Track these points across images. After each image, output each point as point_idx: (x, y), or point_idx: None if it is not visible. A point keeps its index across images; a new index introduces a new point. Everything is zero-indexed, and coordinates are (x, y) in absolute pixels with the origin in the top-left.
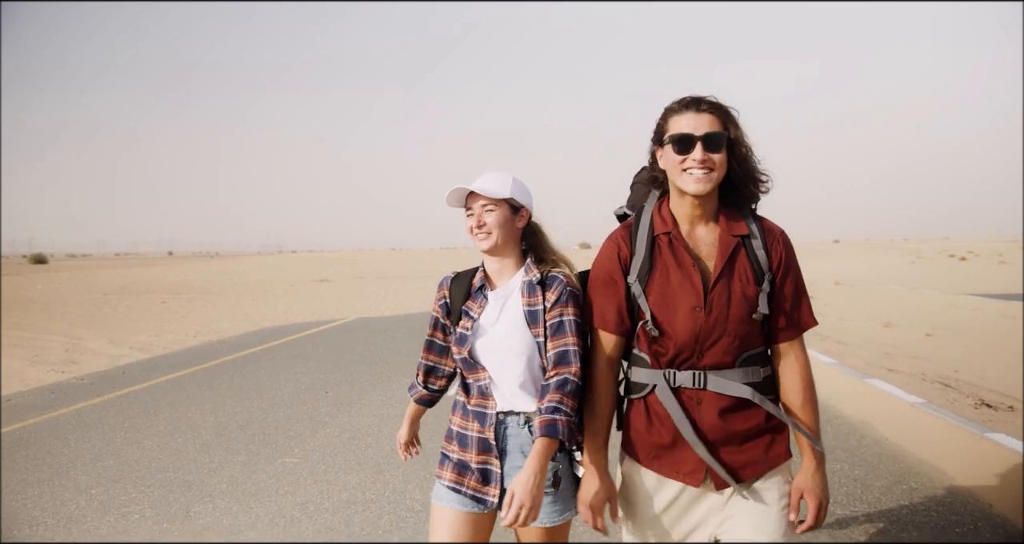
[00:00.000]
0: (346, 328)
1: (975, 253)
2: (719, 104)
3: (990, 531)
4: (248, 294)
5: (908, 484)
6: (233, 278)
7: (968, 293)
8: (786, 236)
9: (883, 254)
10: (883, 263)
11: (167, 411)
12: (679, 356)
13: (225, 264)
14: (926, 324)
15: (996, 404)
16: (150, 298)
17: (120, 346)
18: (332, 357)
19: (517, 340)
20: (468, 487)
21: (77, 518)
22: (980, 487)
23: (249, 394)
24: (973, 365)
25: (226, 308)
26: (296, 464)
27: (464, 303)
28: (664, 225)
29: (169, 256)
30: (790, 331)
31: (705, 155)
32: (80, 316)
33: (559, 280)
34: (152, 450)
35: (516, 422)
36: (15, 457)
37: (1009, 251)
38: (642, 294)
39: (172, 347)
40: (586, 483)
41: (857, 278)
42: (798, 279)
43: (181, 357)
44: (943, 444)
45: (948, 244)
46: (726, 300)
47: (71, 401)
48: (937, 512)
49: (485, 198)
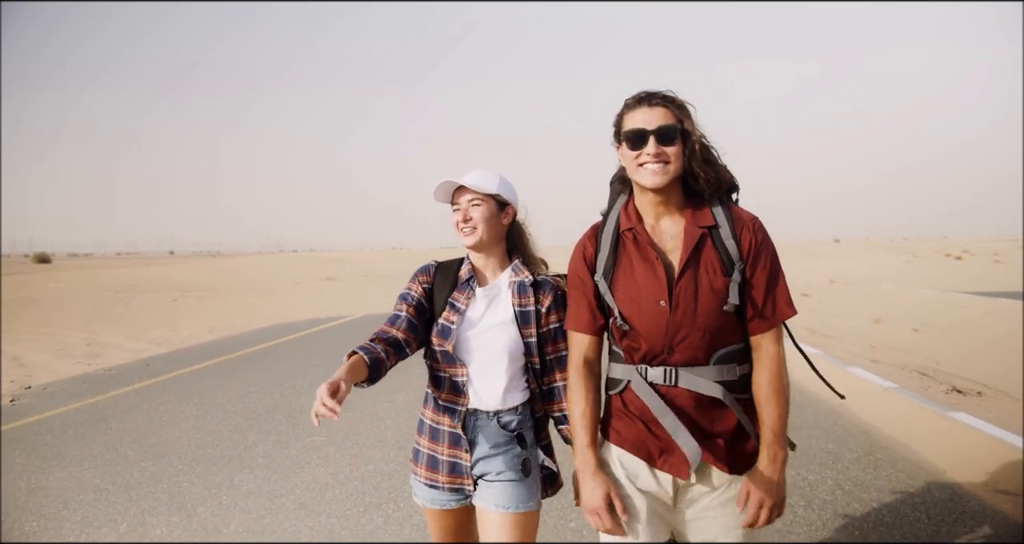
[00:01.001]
0: (354, 324)
1: (971, 252)
2: (672, 97)
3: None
4: (255, 292)
5: (874, 456)
6: (238, 277)
7: (960, 291)
8: (758, 223)
9: (881, 253)
10: (880, 262)
11: (196, 398)
12: (650, 352)
13: (228, 263)
14: (915, 320)
15: (966, 390)
16: (160, 296)
17: (138, 341)
18: (343, 351)
19: (505, 339)
20: (443, 482)
21: (134, 485)
22: (938, 458)
23: (270, 383)
24: (953, 357)
25: (236, 305)
26: (323, 442)
27: (450, 294)
28: (628, 221)
29: (170, 255)
30: (763, 322)
31: (659, 148)
32: (95, 313)
33: (551, 284)
34: (189, 431)
35: (485, 415)
36: (65, 437)
37: (1005, 250)
38: (608, 291)
39: (189, 342)
40: (582, 486)
41: (853, 277)
42: (773, 267)
43: (200, 351)
44: (909, 423)
45: (947, 243)
46: (692, 294)
47: (104, 389)
48: (897, 478)
49: (472, 193)
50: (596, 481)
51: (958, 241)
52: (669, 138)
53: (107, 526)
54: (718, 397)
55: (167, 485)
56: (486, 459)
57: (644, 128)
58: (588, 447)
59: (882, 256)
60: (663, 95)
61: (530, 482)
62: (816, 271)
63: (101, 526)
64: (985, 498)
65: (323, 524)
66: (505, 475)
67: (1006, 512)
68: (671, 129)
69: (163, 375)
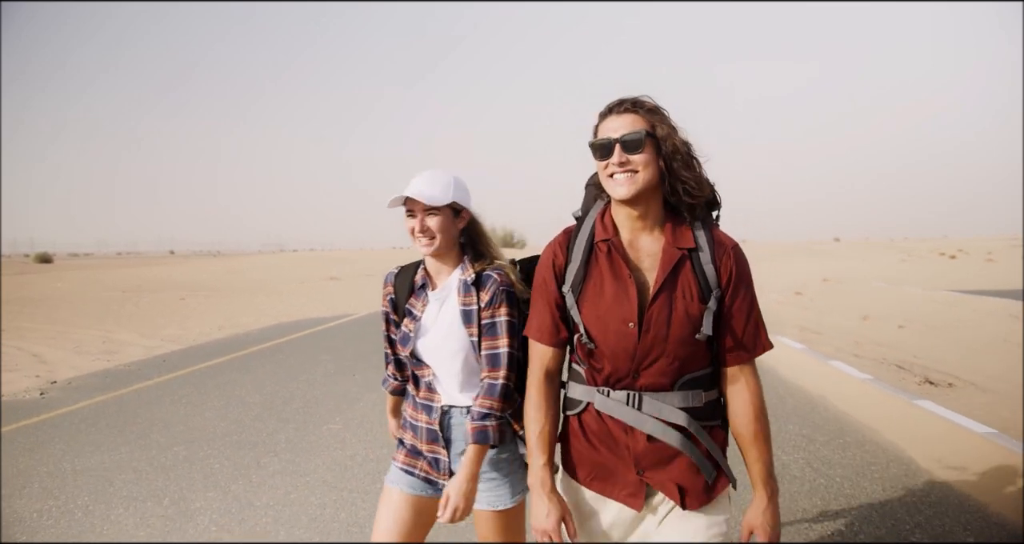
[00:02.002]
0: (359, 322)
1: (965, 252)
2: (642, 102)
3: (897, 469)
4: (261, 291)
5: (844, 439)
6: (243, 276)
7: (949, 290)
8: (739, 250)
9: (879, 253)
10: (876, 261)
11: (215, 391)
12: (613, 374)
13: (230, 263)
14: (901, 318)
15: (938, 382)
16: (168, 295)
17: (152, 338)
18: (352, 347)
19: (454, 340)
20: (420, 469)
21: (169, 467)
22: (900, 440)
23: (285, 377)
24: (933, 352)
25: (243, 304)
26: (340, 429)
27: (408, 300)
28: (605, 232)
29: (171, 255)
30: (741, 354)
31: (623, 157)
32: (105, 312)
33: (492, 279)
34: (213, 420)
35: (460, 413)
36: (98, 425)
37: (999, 250)
38: (575, 306)
39: (201, 339)
40: (534, 506)
41: (847, 276)
42: (751, 298)
43: (213, 347)
44: (879, 410)
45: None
46: (666, 318)
47: (127, 384)
48: (861, 457)
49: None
50: (552, 502)
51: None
52: (635, 146)
53: (151, 500)
54: (683, 425)
55: (200, 467)
56: (461, 456)
57: (609, 137)
58: (544, 467)
59: (879, 255)
60: (633, 101)
61: (512, 478)
62: (811, 270)
63: (146, 501)
64: (936, 472)
65: (346, 498)
66: (485, 474)
67: (951, 483)
68: (635, 135)
69: (181, 370)
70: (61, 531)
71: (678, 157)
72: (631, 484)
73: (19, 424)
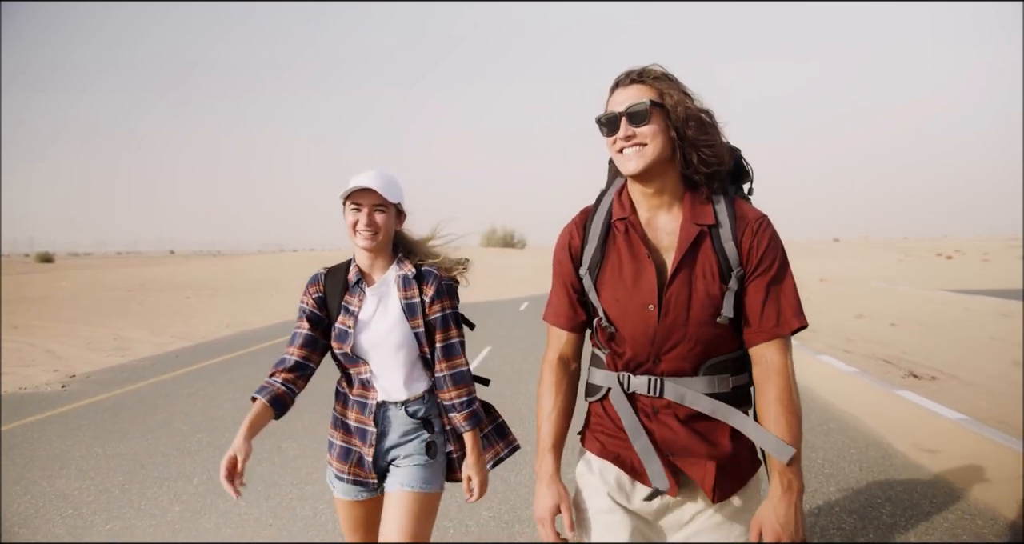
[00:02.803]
0: None
1: (962, 252)
2: (650, 71)
3: (875, 452)
4: (264, 291)
5: (828, 426)
6: (245, 276)
7: (943, 289)
8: (765, 222)
9: (878, 253)
10: (874, 261)
11: (229, 385)
12: (634, 359)
13: (232, 263)
14: (894, 316)
15: (922, 375)
16: (173, 294)
17: (161, 336)
18: None
19: (398, 334)
20: (350, 473)
21: (194, 452)
22: (880, 426)
23: None
24: (922, 348)
25: (247, 303)
26: None
27: (342, 298)
28: (622, 210)
29: (171, 255)
30: (765, 333)
31: (629, 130)
32: (112, 311)
33: (433, 274)
34: (230, 411)
35: (395, 405)
36: (121, 415)
37: (996, 250)
38: (593, 288)
39: (209, 336)
40: (537, 494)
41: (845, 275)
42: (780, 272)
43: (222, 344)
44: (862, 399)
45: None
46: (685, 300)
47: (143, 378)
48: (843, 442)
49: (377, 197)
50: (550, 490)
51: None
52: (640, 117)
53: (182, 480)
54: (706, 413)
55: (223, 451)
56: (396, 447)
57: (614, 111)
58: (550, 451)
59: (877, 256)
60: (640, 71)
61: (435, 465)
62: (810, 270)
63: (177, 480)
64: (909, 455)
65: None
66: (412, 458)
67: (924, 465)
68: (640, 106)
69: (194, 365)
70: (101, 506)
71: (691, 124)
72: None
73: (47, 414)
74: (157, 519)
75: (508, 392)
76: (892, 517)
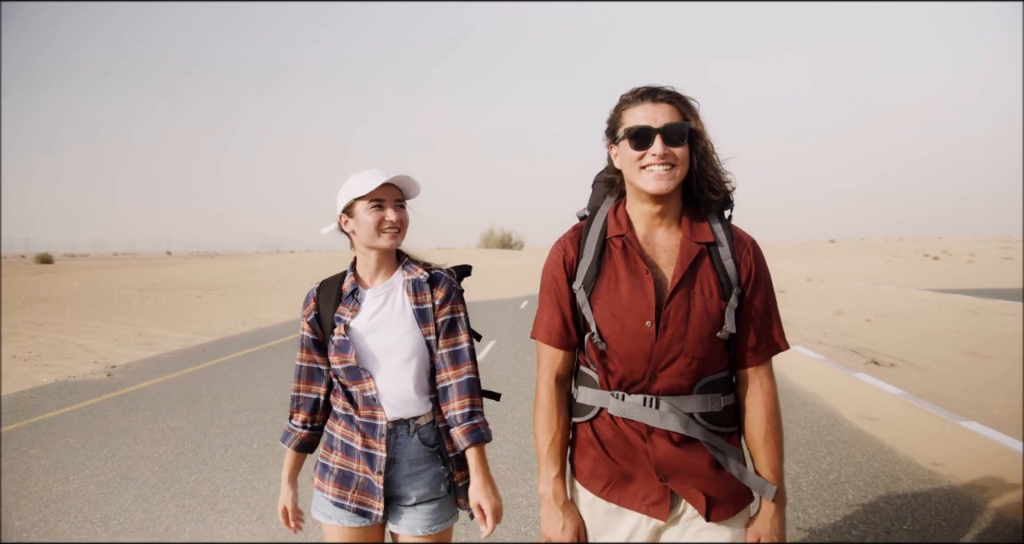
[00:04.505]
0: None
1: (949, 253)
2: (678, 93)
3: (827, 421)
4: (273, 290)
5: (791, 402)
6: (252, 276)
7: (924, 288)
8: (757, 246)
9: (869, 254)
10: (863, 262)
11: (261, 373)
12: (628, 377)
13: (234, 263)
14: (871, 312)
15: (883, 362)
16: (184, 294)
17: (182, 332)
18: None
19: (410, 341)
20: (352, 500)
21: (247, 425)
22: (834, 401)
23: None
24: (890, 340)
25: (258, 301)
26: None
27: (336, 310)
28: (618, 227)
29: (168, 256)
30: (758, 355)
31: (665, 149)
32: (129, 309)
33: (444, 278)
34: (269, 394)
35: (406, 430)
36: (171, 398)
37: (983, 252)
38: (587, 303)
39: (228, 332)
40: (547, 519)
41: (832, 275)
42: (768, 295)
43: (244, 339)
44: (823, 381)
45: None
46: (684, 315)
47: (179, 368)
48: (801, 415)
49: (398, 193)
50: (566, 515)
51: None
52: (677, 138)
53: (243, 446)
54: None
55: (271, 425)
56: (408, 478)
57: (650, 126)
58: (557, 478)
59: (867, 256)
60: (668, 91)
61: (446, 501)
62: (798, 270)
63: (239, 446)
64: (854, 422)
65: None
66: (428, 496)
67: (865, 430)
68: (679, 128)
69: (223, 357)
70: (181, 465)
71: (708, 153)
72: (654, 492)
73: (103, 397)
74: (231, 473)
75: (514, 378)
76: (830, 466)
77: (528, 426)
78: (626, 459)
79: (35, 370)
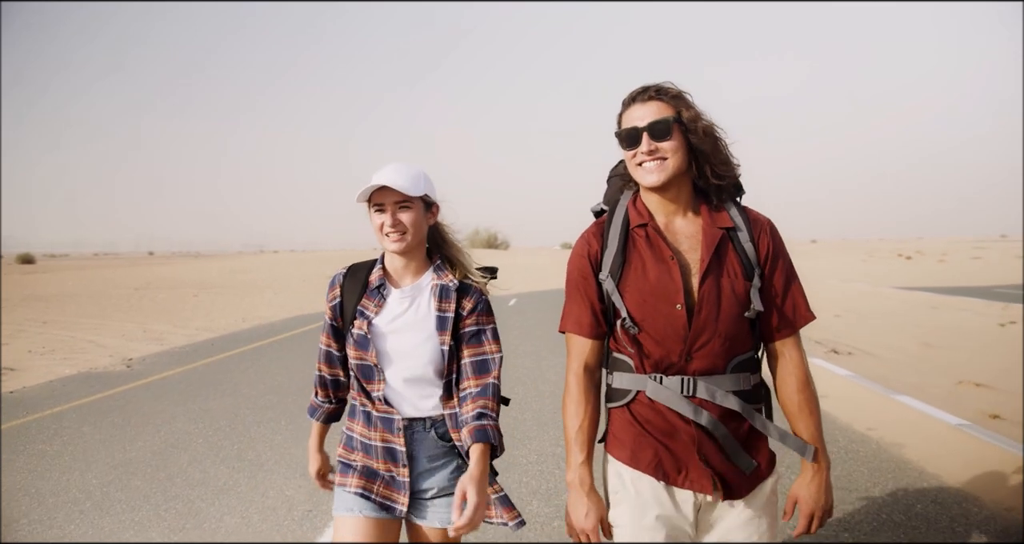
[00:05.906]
0: None
1: (922, 253)
2: (666, 89)
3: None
4: (268, 288)
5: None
6: (245, 275)
7: (893, 286)
8: (773, 226)
9: (847, 253)
10: (839, 261)
11: (272, 365)
12: (664, 359)
13: (224, 263)
14: (840, 308)
15: (842, 351)
16: (180, 292)
17: (186, 328)
18: None
19: (428, 349)
20: (378, 494)
21: (270, 407)
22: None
23: None
24: (854, 333)
25: (255, 300)
26: None
27: (359, 302)
28: (640, 217)
29: (151, 256)
30: (784, 329)
31: (652, 145)
32: (129, 307)
33: (474, 289)
34: (284, 384)
35: (422, 427)
36: (193, 386)
37: (954, 252)
38: (616, 290)
39: (231, 329)
40: (573, 505)
41: (807, 274)
42: (789, 271)
43: (248, 334)
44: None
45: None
46: (715, 297)
47: (193, 360)
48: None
49: (399, 195)
50: (591, 502)
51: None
52: (663, 133)
53: (273, 423)
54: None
55: (293, 407)
56: (426, 473)
57: (636, 126)
58: (584, 464)
59: (845, 256)
60: (657, 88)
61: None
62: None
63: (269, 423)
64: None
65: None
66: (448, 490)
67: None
68: (663, 123)
69: (233, 351)
70: (220, 440)
71: (706, 140)
72: (696, 469)
73: (128, 386)
74: (268, 443)
75: (505, 377)
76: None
77: (519, 425)
78: (667, 437)
79: (55, 363)
